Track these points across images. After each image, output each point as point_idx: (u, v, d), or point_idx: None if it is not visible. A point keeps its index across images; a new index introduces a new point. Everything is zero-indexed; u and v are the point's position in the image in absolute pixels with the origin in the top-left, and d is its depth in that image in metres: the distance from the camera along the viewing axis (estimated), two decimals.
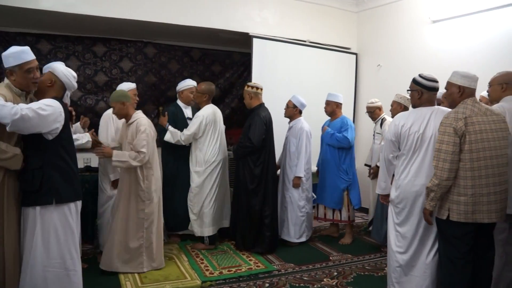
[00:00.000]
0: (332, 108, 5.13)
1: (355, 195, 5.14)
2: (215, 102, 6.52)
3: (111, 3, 4.99)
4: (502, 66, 4.50)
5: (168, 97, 6.37)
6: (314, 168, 5.38)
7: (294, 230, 4.96)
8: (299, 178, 4.91)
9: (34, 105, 2.71)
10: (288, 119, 5.18)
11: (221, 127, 4.90)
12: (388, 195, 3.55)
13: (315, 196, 5.31)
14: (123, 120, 4.09)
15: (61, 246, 2.88)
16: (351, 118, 6.70)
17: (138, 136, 3.86)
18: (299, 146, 4.92)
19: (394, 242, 3.44)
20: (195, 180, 4.70)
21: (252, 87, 4.80)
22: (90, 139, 3.83)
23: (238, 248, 4.77)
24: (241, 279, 4.00)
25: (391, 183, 3.53)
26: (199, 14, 5.50)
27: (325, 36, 6.55)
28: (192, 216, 4.75)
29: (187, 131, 4.64)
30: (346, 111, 6.47)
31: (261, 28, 5.95)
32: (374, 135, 5.35)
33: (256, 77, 5.75)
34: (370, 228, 5.30)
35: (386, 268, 4.22)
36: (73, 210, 2.95)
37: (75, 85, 3.09)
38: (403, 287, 3.38)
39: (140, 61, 6.32)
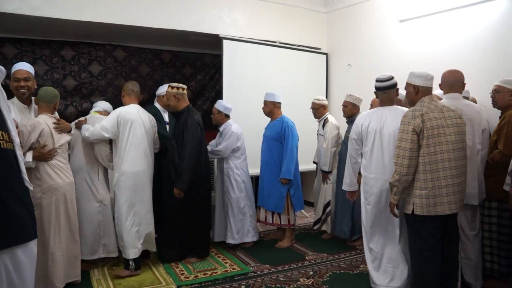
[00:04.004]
0: (270, 108, 4.97)
1: (298, 198, 5.02)
2: None
3: (78, 5, 4.88)
4: (468, 64, 4.64)
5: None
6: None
7: (237, 232, 4.86)
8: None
9: None
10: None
11: (148, 131, 4.24)
12: (354, 192, 3.78)
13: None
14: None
15: None
16: None
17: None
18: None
19: (367, 237, 3.60)
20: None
21: (178, 88, 4.40)
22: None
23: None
24: (217, 282, 3.97)
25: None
26: (169, 16, 5.45)
27: (295, 37, 6.58)
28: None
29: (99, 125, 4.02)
30: None
31: (231, 30, 5.94)
32: (317, 136, 5.37)
33: (227, 79, 5.75)
34: (315, 227, 5.38)
35: (361, 266, 4.32)
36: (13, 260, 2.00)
37: None
38: (380, 279, 3.53)
39: (110, 65, 6.22)
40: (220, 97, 5.85)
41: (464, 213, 3.49)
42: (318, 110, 5.27)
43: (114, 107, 4.46)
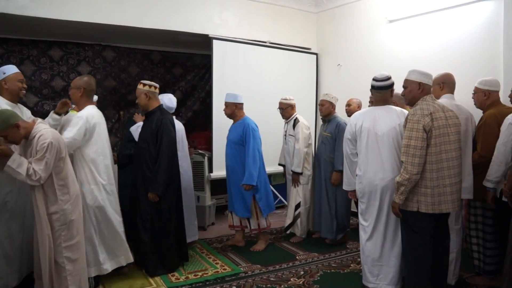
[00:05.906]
0: (231, 109, 4.75)
1: (265, 202, 4.77)
2: (178, 105, 6.45)
3: (67, 5, 4.82)
4: (456, 64, 4.67)
5: (128, 101, 6.26)
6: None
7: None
8: None
9: None
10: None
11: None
12: (354, 191, 3.73)
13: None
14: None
15: None
16: (313, 118, 6.77)
17: (39, 154, 2.95)
18: None
19: (362, 234, 3.62)
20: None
21: (150, 85, 4.09)
22: None
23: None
24: (207, 283, 3.96)
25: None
26: (158, 16, 5.42)
27: (285, 37, 6.59)
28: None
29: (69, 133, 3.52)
30: (308, 111, 6.55)
31: (221, 30, 5.92)
32: (285, 136, 5.18)
33: (217, 79, 5.74)
34: (288, 232, 5.25)
35: (352, 265, 4.33)
36: None
37: None
38: (375, 275, 3.56)
39: (99, 65, 6.18)
40: (210, 98, 5.85)
41: None
42: (286, 110, 5.10)
43: (102, 109, 4.33)
